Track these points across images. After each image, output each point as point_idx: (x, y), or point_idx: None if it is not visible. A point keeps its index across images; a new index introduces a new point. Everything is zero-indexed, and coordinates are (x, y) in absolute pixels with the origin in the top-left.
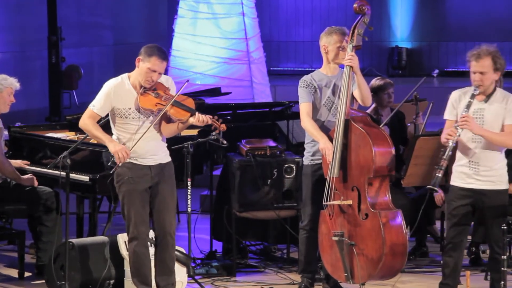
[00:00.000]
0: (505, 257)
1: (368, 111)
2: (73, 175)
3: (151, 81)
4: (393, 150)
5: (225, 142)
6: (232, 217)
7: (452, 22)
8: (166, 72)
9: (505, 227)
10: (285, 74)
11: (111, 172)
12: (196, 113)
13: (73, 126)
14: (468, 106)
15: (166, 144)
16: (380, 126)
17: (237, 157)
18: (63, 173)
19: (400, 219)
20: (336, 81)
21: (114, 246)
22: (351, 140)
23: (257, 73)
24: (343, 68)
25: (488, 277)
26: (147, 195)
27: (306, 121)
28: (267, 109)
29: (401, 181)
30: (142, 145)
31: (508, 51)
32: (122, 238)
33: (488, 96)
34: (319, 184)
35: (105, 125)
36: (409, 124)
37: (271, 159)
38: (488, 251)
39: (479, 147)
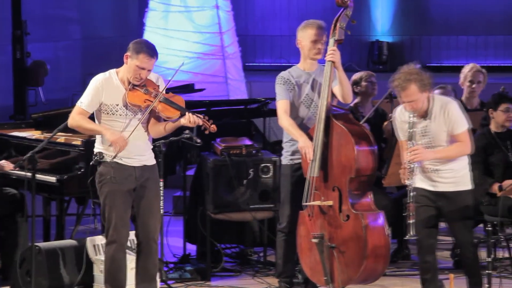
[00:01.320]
0: (490, 259)
1: (351, 105)
2: (39, 176)
3: (139, 79)
4: (375, 149)
5: (199, 141)
6: (206, 219)
7: (435, 16)
8: None
9: (490, 228)
10: (261, 70)
11: (98, 166)
12: (187, 113)
13: (39, 125)
14: (411, 137)
15: (152, 146)
16: (362, 122)
17: (211, 157)
18: (29, 174)
19: (382, 221)
20: (315, 76)
21: (82, 250)
22: (332, 138)
23: (232, 68)
24: (323, 63)
25: None
26: (130, 197)
27: (283, 119)
28: (243, 106)
29: (382, 180)
30: (129, 143)
31: (492, 45)
32: (91, 242)
33: (428, 111)
34: (298, 185)
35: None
36: (385, 123)
37: (246, 159)
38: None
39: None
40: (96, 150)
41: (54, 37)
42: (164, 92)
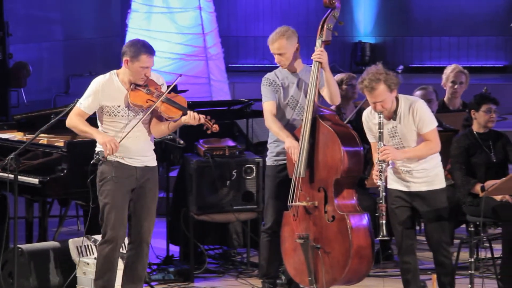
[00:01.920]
0: (472, 259)
1: (332, 107)
2: (21, 177)
3: (145, 78)
4: (361, 150)
5: (182, 142)
6: (189, 220)
7: (417, 16)
8: (118, 68)
9: (472, 229)
10: (244, 71)
11: (99, 164)
12: (189, 111)
13: (22, 126)
14: (380, 138)
15: (154, 147)
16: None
17: (194, 158)
18: (11, 176)
19: (367, 222)
20: (300, 77)
21: (65, 252)
22: (318, 139)
23: (215, 69)
24: (310, 64)
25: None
26: (129, 197)
27: (270, 120)
28: (226, 107)
29: (365, 181)
30: (130, 143)
31: (474, 46)
32: (74, 244)
33: (395, 112)
34: (283, 186)
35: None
36: None
37: (230, 160)
38: (455, 254)
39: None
40: (97, 149)
41: (36, 38)
42: (166, 92)
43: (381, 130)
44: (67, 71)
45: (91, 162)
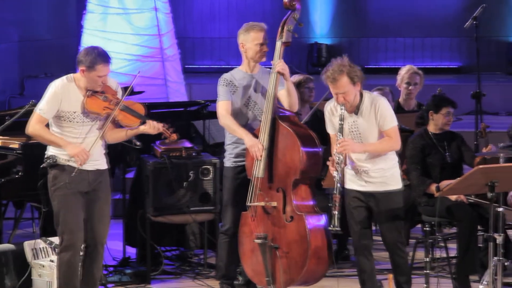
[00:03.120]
0: (428, 259)
1: None
2: None
3: (102, 85)
4: (320, 151)
5: (138, 143)
6: (146, 222)
7: (373, 18)
8: (74, 70)
9: (427, 228)
10: (201, 72)
11: (50, 169)
12: (148, 120)
13: None
14: (341, 130)
15: (106, 151)
16: None
17: (151, 159)
18: None
19: (325, 223)
20: (257, 79)
21: (20, 254)
22: (278, 139)
23: (172, 71)
24: (263, 65)
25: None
26: (83, 200)
27: (226, 118)
28: (182, 109)
29: (322, 182)
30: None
31: (429, 47)
32: (29, 246)
33: (358, 107)
34: (242, 187)
35: None
36: None
37: (187, 161)
38: (410, 253)
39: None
40: (49, 152)
41: None
42: (123, 98)
43: (342, 123)
44: (22, 73)
45: (41, 166)
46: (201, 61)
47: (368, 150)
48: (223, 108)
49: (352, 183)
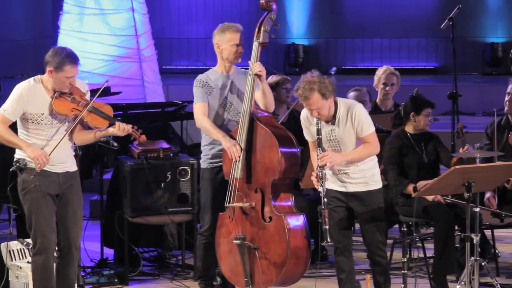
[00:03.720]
0: (405, 259)
1: None
2: None
3: (70, 86)
4: (299, 152)
5: (115, 144)
6: (124, 223)
7: (350, 19)
8: None
9: (405, 229)
10: (178, 73)
11: (20, 173)
12: (117, 122)
13: None
14: (319, 132)
15: (74, 153)
16: None
17: (128, 160)
18: None
19: (304, 223)
20: (233, 79)
21: None
22: (256, 140)
23: (149, 71)
24: (240, 66)
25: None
26: (54, 203)
27: (202, 120)
28: (160, 109)
29: (299, 182)
30: (53, 153)
31: (405, 48)
32: (6, 248)
33: (334, 116)
34: (219, 188)
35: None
36: None
37: (164, 162)
38: (388, 254)
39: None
40: (17, 156)
41: None
42: (92, 101)
43: (319, 136)
44: None
45: (11, 170)
46: (178, 61)
47: (349, 159)
48: (199, 110)
49: (332, 184)
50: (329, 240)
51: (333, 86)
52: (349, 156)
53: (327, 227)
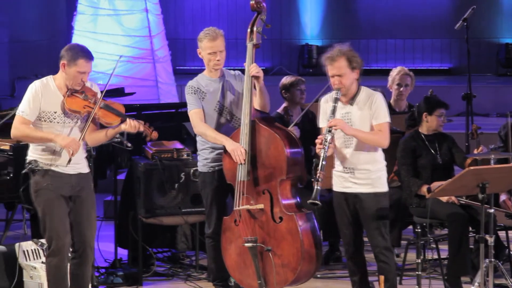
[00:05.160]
0: (419, 260)
1: (279, 110)
2: None
3: (82, 83)
4: (302, 151)
5: (129, 144)
6: (138, 224)
7: (363, 19)
8: None
9: (419, 230)
10: (192, 73)
11: (33, 174)
12: (128, 119)
13: None
14: (333, 111)
15: (86, 154)
16: (291, 126)
17: (142, 161)
18: None
19: (314, 221)
20: (223, 83)
21: (11, 256)
22: (259, 142)
23: (162, 72)
24: (237, 67)
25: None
26: (67, 204)
27: (202, 127)
28: (174, 110)
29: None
30: (65, 152)
31: (419, 48)
32: (20, 248)
33: (353, 98)
34: (221, 191)
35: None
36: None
37: (178, 162)
38: (402, 255)
39: (352, 150)
40: (29, 157)
41: None
42: (101, 96)
43: (335, 105)
44: (13, 74)
45: (23, 172)
46: (192, 62)
47: (357, 134)
48: (196, 116)
49: (339, 185)
50: (316, 198)
51: (362, 62)
52: (357, 132)
53: (319, 187)
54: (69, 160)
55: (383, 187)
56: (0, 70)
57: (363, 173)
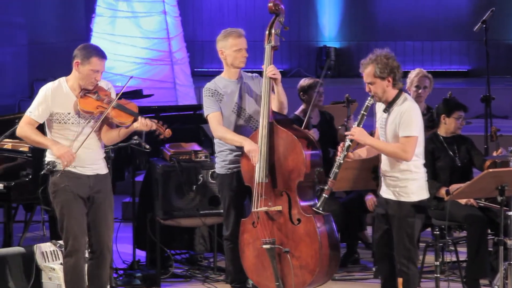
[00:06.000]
0: (438, 263)
1: (297, 112)
2: None
3: (95, 82)
4: (320, 153)
5: (147, 146)
6: (156, 225)
7: (382, 21)
8: None
9: (437, 232)
10: (210, 75)
11: (51, 175)
12: (140, 117)
13: None
14: (360, 120)
15: (104, 155)
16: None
17: (160, 162)
18: None
19: (332, 222)
20: (241, 85)
21: (30, 257)
22: (278, 143)
23: (181, 74)
24: (254, 70)
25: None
26: (85, 205)
27: (220, 130)
28: (192, 112)
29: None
30: (82, 152)
31: (438, 50)
32: (39, 249)
33: (389, 105)
34: (240, 193)
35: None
36: (340, 127)
37: (196, 164)
38: (420, 257)
39: (385, 156)
40: (47, 159)
41: (0, 42)
42: (117, 98)
43: (364, 113)
44: (31, 76)
45: (42, 173)
46: (210, 64)
47: (373, 144)
48: (215, 120)
49: (382, 189)
50: (320, 210)
51: (398, 71)
52: (376, 142)
53: (326, 195)
54: (62, 170)
55: (409, 197)
56: (19, 72)
57: (391, 180)
